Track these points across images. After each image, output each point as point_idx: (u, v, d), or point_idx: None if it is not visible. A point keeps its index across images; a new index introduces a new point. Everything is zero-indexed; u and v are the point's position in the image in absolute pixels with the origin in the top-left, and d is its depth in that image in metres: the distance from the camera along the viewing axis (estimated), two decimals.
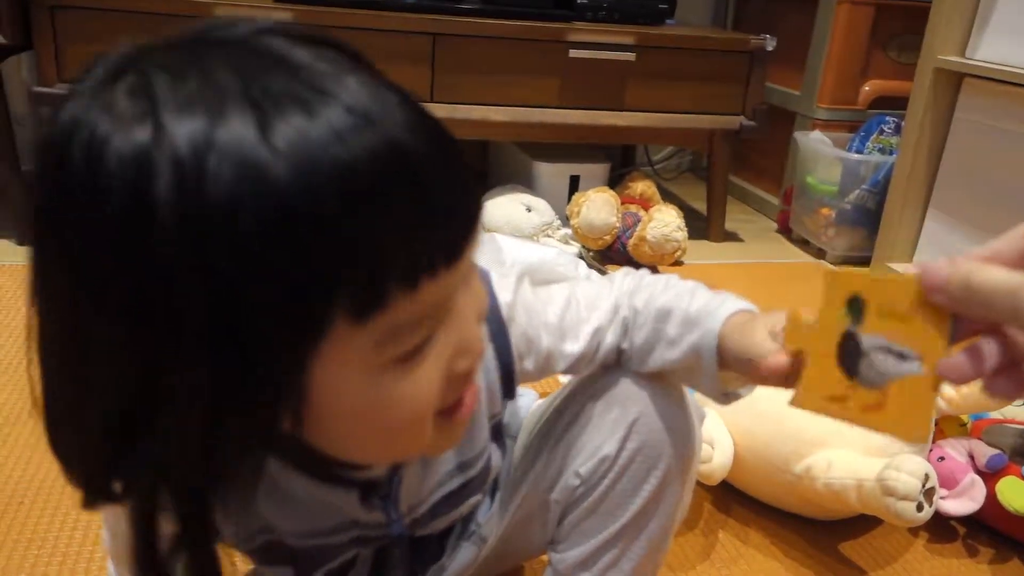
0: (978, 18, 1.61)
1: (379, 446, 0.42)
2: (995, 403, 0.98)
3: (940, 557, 0.93)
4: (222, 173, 0.32)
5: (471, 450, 0.57)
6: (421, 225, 0.35)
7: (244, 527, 0.50)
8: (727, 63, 1.85)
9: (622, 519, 0.61)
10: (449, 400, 0.42)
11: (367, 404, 0.39)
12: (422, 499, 0.55)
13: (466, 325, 0.41)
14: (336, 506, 0.51)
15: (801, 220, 2.01)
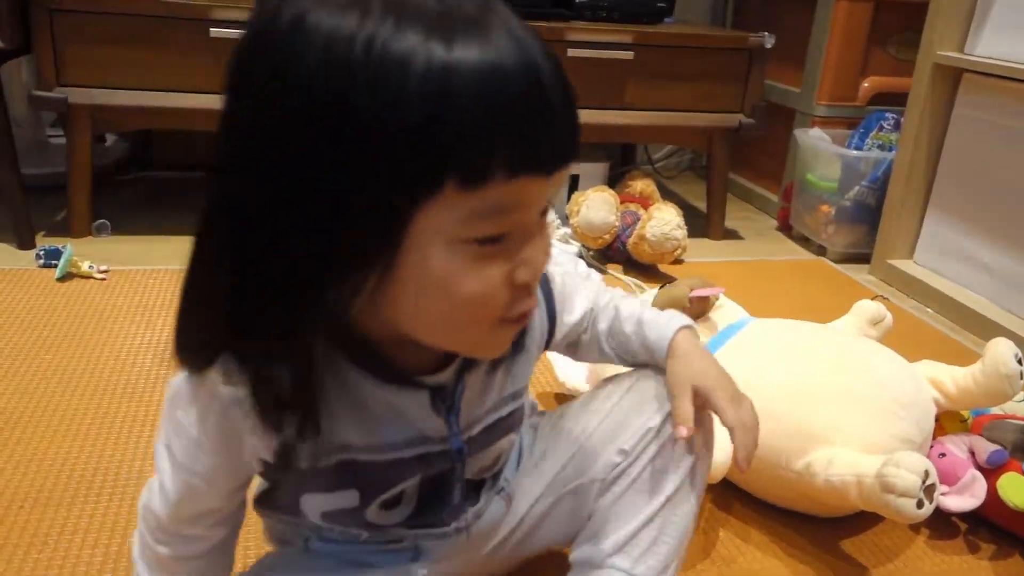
0: (977, 14, 1.61)
1: (443, 324, 0.48)
2: (994, 399, 0.98)
3: (941, 553, 0.93)
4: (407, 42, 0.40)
5: (522, 380, 0.63)
6: (534, 130, 0.43)
7: (323, 445, 0.53)
8: (726, 61, 1.85)
9: (661, 495, 0.66)
10: (510, 311, 0.48)
11: (442, 274, 0.45)
12: (478, 418, 0.60)
13: (534, 245, 0.47)
14: (407, 415, 0.55)
15: (801, 217, 2.00)
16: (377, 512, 0.59)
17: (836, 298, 1.62)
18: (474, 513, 0.65)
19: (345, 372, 0.52)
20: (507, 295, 0.47)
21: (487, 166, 0.42)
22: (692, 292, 1.05)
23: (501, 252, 0.46)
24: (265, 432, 0.50)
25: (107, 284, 1.45)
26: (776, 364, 0.97)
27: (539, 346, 0.66)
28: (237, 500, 0.60)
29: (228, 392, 0.50)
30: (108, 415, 1.05)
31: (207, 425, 0.52)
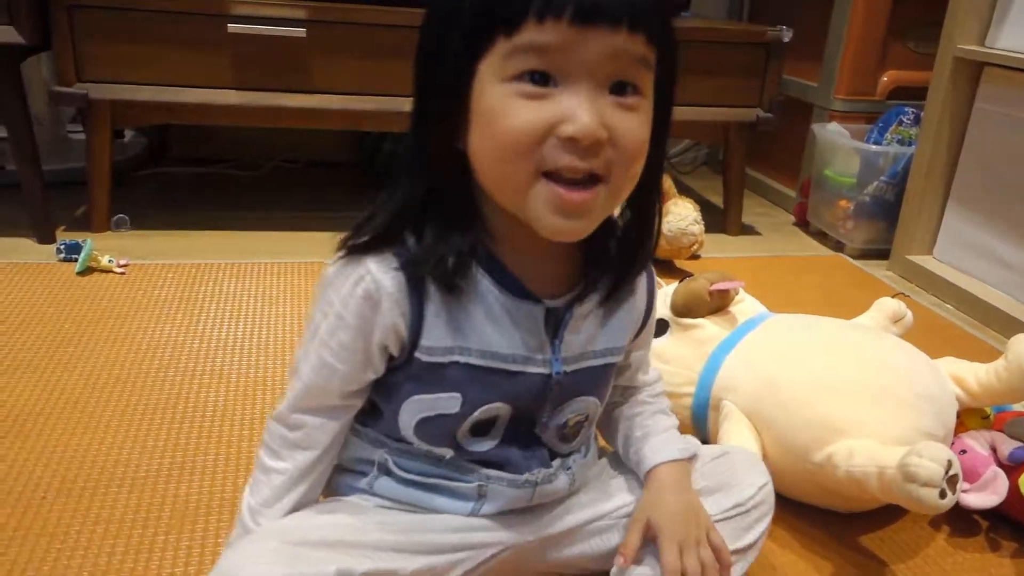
0: (998, 6, 1.59)
1: (493, 164, 0.55)
2: (1016, 395, 0.97)
3: (962, 551, 0.92)
4: None
5: (616, 342, 0.68)
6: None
7: (445, 338, 0.60)
8: (743, 55, 1.84)
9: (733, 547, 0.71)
10: (556, 163, 0.52)
11: (491, 106, 0.53)
12: (575, 356, 0.65)
13: (584, 106, 0.52)
14: (521, 327, 0.62)
15: (819, 212, 1.99)
16: (466, 436, 0.64)
17: (855, 294, 1.61)
18: (545, 476, 0.69)
19: (478, 279, 0.60)
20: (552, 145, 0.52)
21: (520, 14, 0.51)
22: (712, 286, 1.04)
23: (547, 100, 0.52)
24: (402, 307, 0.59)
25: (126, 278, 1.46)
26: (797, 358, 0.97)
27: (634, 323, 0.70)
28: (351, 407, 0.65)
29: (379, 265, 0.58)
30: (128, 408, 1.06)
31: (353, 300, 0.59)
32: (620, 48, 0.52)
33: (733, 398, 0.96)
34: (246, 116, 1.65)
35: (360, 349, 0.61)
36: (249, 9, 1.57)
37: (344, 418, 0.66)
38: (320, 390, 0.63)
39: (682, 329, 1.04)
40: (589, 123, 0.52)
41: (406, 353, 0.61)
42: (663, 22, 0.55)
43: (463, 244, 0.58)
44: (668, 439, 0.75)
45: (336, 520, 0.64)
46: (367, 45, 1.62)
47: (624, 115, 0.54)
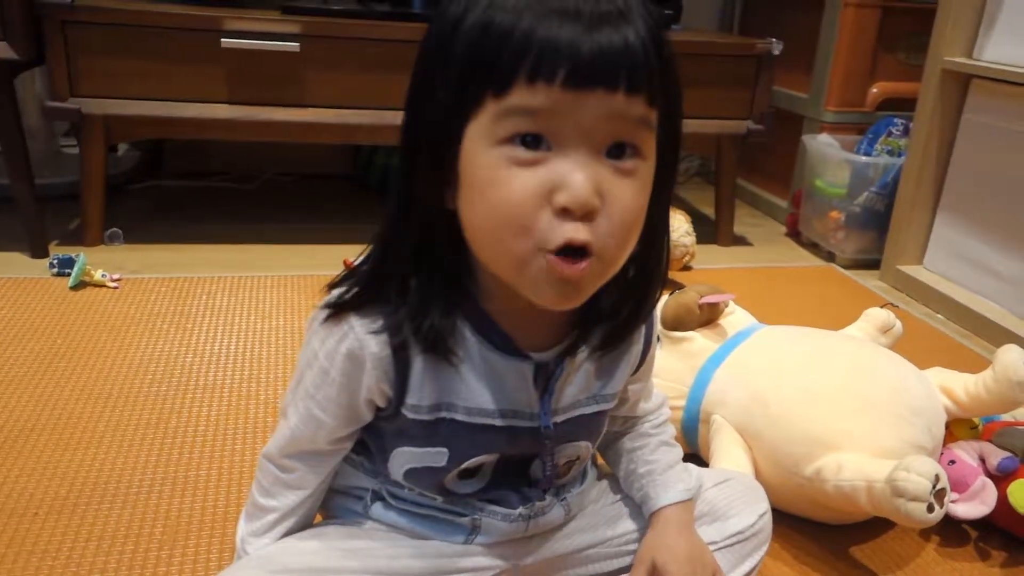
0: (985, 19, 1.61)
1: (487, 236, 0.52)
2: (1004, 406, 0.98)
3: (952, 561, 0.93)
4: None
5: (610, 388, 0.66)
6: (553, 46, 0.48)
7: (430, 396, 0.59)
8: (733, 67, 1.85)
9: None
10: (552, 237, 0.50)
11: (483, 175, 0.50)
12: (567, 407, 0.64)
13: (578, 172, 0.49)
14: (508, 384, 0.60)
15: (810, 223, 2.00)
16: (454, 480, 0.64)
17: (846, 304, 1.61)
18: (538, 508, 0.68)
19: (464, 337, 0.59)
20: (547, 218, 0.49)
21: (509, 76, 0.48)
22: (702, 298, 1.05)
23: (540, 167, 0.49)
24: (386, 368, 0.58)
25: (119, 292, 1.46)
26: (786, 370, 0.97)
27: (632, 364, 0.68)
28: (341, 450, 0.65)
29: (363, 326, 0.57)
30: (121, 423, 1.06)
31: (337, 357, 0.58)
32: (617, 111, 0.49)
33: (723, 412, 0.97)
34: (239, 130, 1.65)
35: (345, 404, 0.60)
36: (242, 24, 1.58)
37: (335, 460, 0.66)
38: (308, 439, 0.63)
39: (672, 342, 1.04)
40: (583, 190, 0.49)
41: (393, 408, 0.60)
42: (664, 80, 0.51)
43: (448, 307, 0.57)
44: (672, 478, 0.73)
45: (323, 546, 0.64)
46: (360, 59, 1.62)
47: (621, 182, 0.51)
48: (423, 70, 0.53)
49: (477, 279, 0.58)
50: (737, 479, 0.79)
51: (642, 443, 0.75)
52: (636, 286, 0.60)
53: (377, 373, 0.58)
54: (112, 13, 1.55)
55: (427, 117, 0.53)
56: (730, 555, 0.73)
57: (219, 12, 1.61)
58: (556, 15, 0.48)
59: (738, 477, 0.80)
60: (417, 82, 0.54)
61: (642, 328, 0.67)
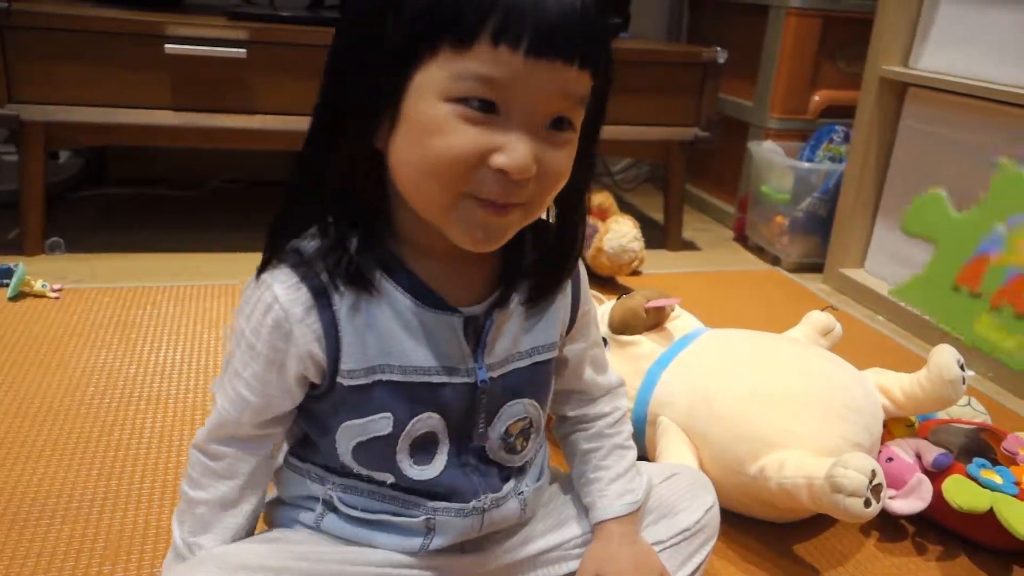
0: (919, 29, 1.66)
1: (417, 177, 0.53)
2: (939, 404, 1.01)
3: (891, 555, 0.95)
4: None
5: (544, 338, 0.66)
6: (525, 11, 0.48)
7: (365, 359, 0.59)
8: (680, 75, 1.88)
9: (679, 574, 0.73)
10: (483, 191, 0.52)
11: (427, 121, 0.51)
12: (500, 361, 0.64)
13: (521, 141, 0.51)
14: (440, 339, 0.60)
15: (757, 228, 2.04)
16: (406, 459, 0.63)
17: (791, 307, 1.65)
18: (493, 500, 0.67)
19: (389, 292, 0.59)
20: (482, 174, 0.51)
21: (474, 31, 0.49)
22: (648, 303, 1.07)
23: (485, 127, 0.51)
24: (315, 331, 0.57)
25: (60, 303, 1.42)
26: (730, 373, 0.99)
27: (562, 320, 0.68)
28: (271, 435, 0.64)
29: (286, 289, 0.57)
30: (61, 437, 1.03)
31: (263, 330, 0.58)
32: (568, 86, 0.52)
33: (670, 413, 0.98)
34: (185, 137, 1.63)
35: (274, 381, 0.59)
36: (187, 30, 1.56)
37: (265, 448, 0.64)
38: (235, 423, 0.62)
39: (619, 346, 1.06)
40: (523, 161, 0.51)
41: (328, 380, 0.60)
42: (608, 54, 0.55)
43: (367, 244, 0.57)
44: (619, 490, 0.73)
45: (276, 548, 0.63)
46: (308, 65, 1.60)
47: (555, 151, 0.54)
48: (368, 6, 0.53)
49: (401, 229, 0.59)
50: (684, 473, 0.80)
51: (597, 445, 0.75)
52: (559, 242, 0.63)
53: (307, 340, 0.58)
54: (52, 18, 1.52)
55: (369, 56, 0.53)
56: (677, 553, 0.74)
57: (162, 18, 1.59)
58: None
59: (685, 471, 0.80)
60: (357, 18, 0.54)
61: (568, 285, 0.68)
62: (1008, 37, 1.48)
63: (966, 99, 1.53)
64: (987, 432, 1.04)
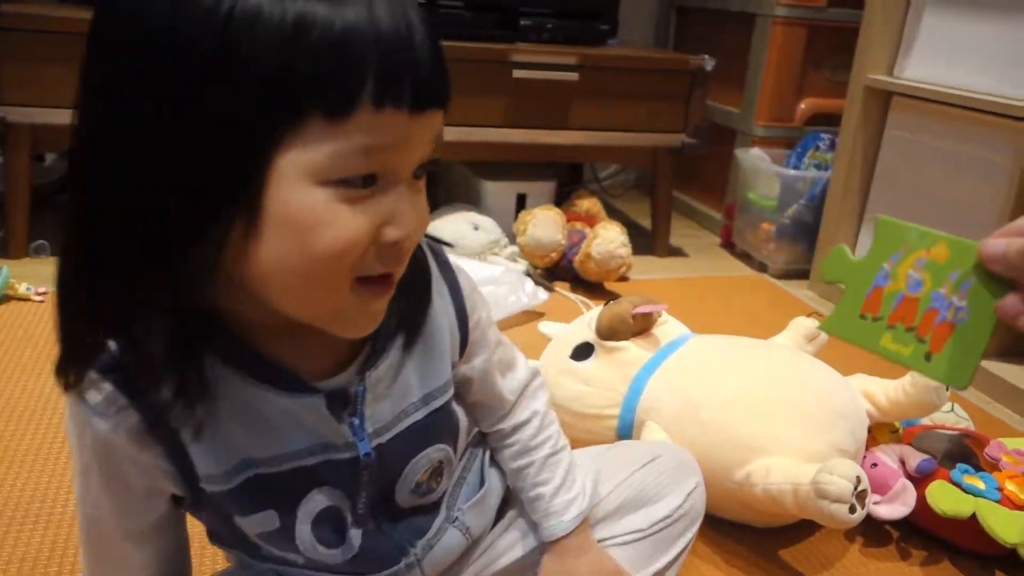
0: (904, 39, 1.68)
1: (301, 279, 0.44)
2: (922, 410, 1.02)
3: (875, 560, 0.96)
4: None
5: (435, 382, 0.59)
6: (399, 63, 0.42)
7: (224, 461, 0.51)
8: (668, 82, 1.89)
9: (660, 562, 0.71)
10: (373, 270, 0.46)
11: (304, 218, 0.42)
12: (388, 424, 0.57)
13: (406, 203, 0.45)
14: (304, 421, 0.52)
15: (743, 234, 2.05)
16: (311, 544, 0.57)
17: (777, 313, 1.66)
18: (424, 545, 0.62)
19: (234, 382, 0.50)
20: (371, 253, 0.45)
21: (352, 96, 0.41)
22: (635, 309, 1.07)
23: (370, 202, 0.44)
24: (151, 447, 0.49)
25: (45, 306, 1.41)
26: (715, 378, 1.00)
27: (452, 348, 0.60)
28: (151, 550, 0.57)
29: (102, 415, 0.48)
30: (46, 441, 1.03)
31: (88, 448, 0.51)
32: (437, 130, 0.46)
33: (656, 419, 0.99)
34: None
35: (120, 496, 0.52)
36: None
37: (153, 545, 0.57)
38: (101, 545, 0.55)
39: (607, 352, 1.06)
40: (415, 225, 0.46)
41: (189, 491, 0.52)
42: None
43: (191, 352, 0.47)
44: (563, 504, 0.68)
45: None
46: None
47: (421, 197, 0.48)
48: (178, 78, 0.40)
49: (235, 317, 0.49)
50: (667, 455, 0.75)
51: (527, 461, 0.68)
52: (415, 278, 0.55)
53: (144, 457, 0.50)
54: (38, 19, 1.51)
55: (197, 146, 0.40)
56: (658, 541, 0.71)
57: None
58: (398, 32, 0.42)
59: (667, 452, 0.76)
60: (161, 93, 0.40)
61: (448, 305, 0.59)
62: (989, 48, 1.50)
63: (949, 108, 1.55)
64: (970, 438, 1.05)
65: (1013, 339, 1.46)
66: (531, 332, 1.39)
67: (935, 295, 0.54)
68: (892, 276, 0.57)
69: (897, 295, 0.56)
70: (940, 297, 0.54)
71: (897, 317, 0.56)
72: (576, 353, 1.08)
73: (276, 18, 0.39)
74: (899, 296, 0.56)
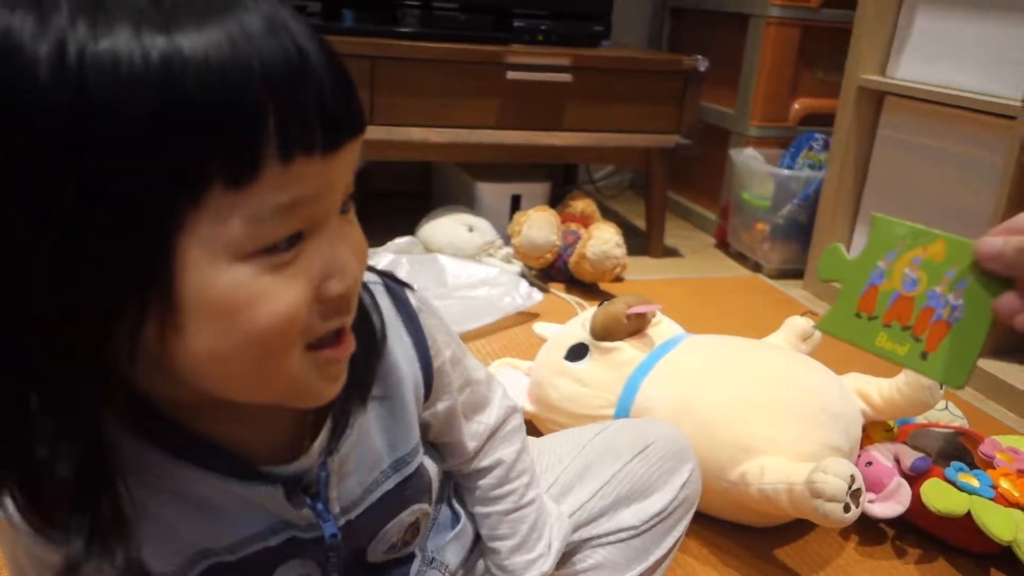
0: (896, 39, 1.68)
1: (245, 365, 0.39)
2: (917, 408, 1.02)
3: (871, 559, 0.96)
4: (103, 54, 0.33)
5: (405, 445, 0.55)
6: (300, 102, 0.36)
7: (177, 554, 0.46)
8: (661, 83, 1.90)
9: (652, 558, 0.70)
10: (322, 330, 0.41)
11: (231, 301, 0.37)
12: (356, 500, 0.52)
13: (340, 247, 0.40)
14: (260, 507, 0.48)
15: (738, 235, 2.06)
16: None
17: (772, 313, 1.66)
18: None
19: (172, 469, 0.44)
20: (315, 313, 0.40)
21: (254, 155, 0.35)
22: (629, 309, 1.07)
23: (300, 262, 0.39)
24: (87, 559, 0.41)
25: None
26: (710, 378, 1.00)
27: (417, 398, 0.55)
28: None
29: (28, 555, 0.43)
30: None
31: (19, 558, 0.45)
32: (355, 158, 0.41)
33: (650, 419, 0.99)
34: None
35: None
36: None
37: None
38: None
39: (601, 352, 1.06)
40: (355, 270, 0.41)
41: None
42: None
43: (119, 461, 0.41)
44: (522, 563, 0.64)
45: None
46: None
47: (354, 230, 0.43)
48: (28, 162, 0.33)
49: (168, 402, 0.43)
50: (659, 442, 0.72)
51: (486, 511, 0.64)
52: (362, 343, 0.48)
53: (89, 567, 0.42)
54: None
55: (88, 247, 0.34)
56: (651, 536, 0.70)
57: None
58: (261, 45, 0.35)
59: (661, 438, 0.73)
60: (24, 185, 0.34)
61: (410, 349, 0.54)
62: (981, 47, 1.51)
63: (941, 107, 1.55)
64: (965, 436, 1.06)
65: (1007, 337, 1.47)
66: (526, 333, 1.39)
67: (931, 294, 0.54)
68: (888, 274, 0.56)
69: (893, 293, 0.56)
70: (936, 296, 0.54)
71: (893, 316, 0.56)
72: (571, 354, 1.08)
73: (138, 61, 0.33)
74: (895, 294, 0.56)
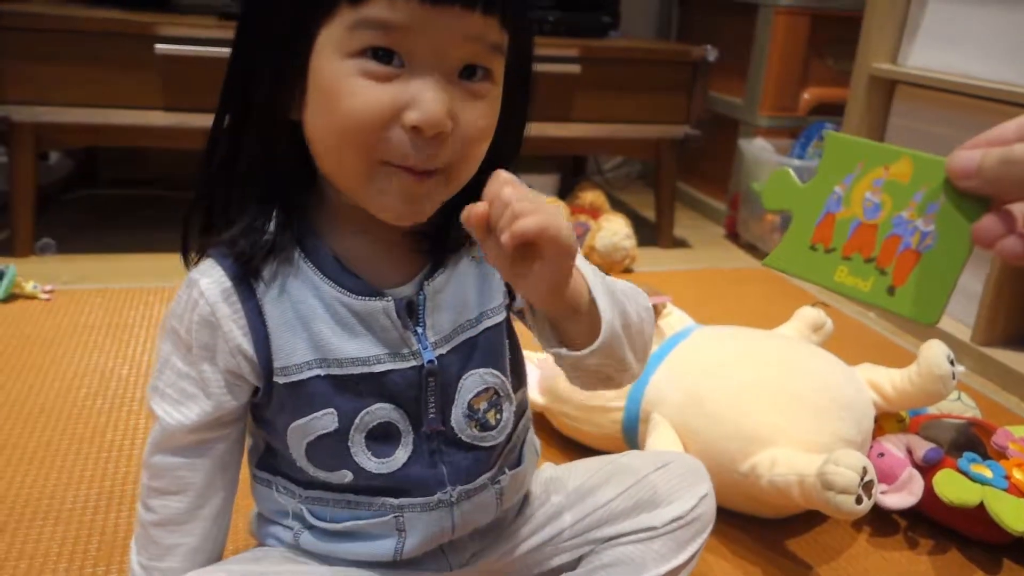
0: (907, 27, 1.67)
1: (331, 147, 0.52)
2: (929, 399, 1.02)
3: (883, 550, 0.96)
4: None
5: (490, 300, 0.62)
6: None
7: (299, 354, 0.56)
8: (670, 74, 1.89)
9: (672, 563, 0.71)
10: (412, 158, 0.50)
11: (330, 83, 0.50)
12: (447, 335, 0.60)
13: (431, 93, 0.49)
14: (375, 326, 0.57)
15: (748, 225, 2.05)
16: (364, 453, 0.59)
17: (782, 304, 1.65)
18: (462, 492, 0.62)
19: (315, 283, 0.56)
20: (399, 137, 0.49)
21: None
22: None
23: (394, 83, 0.49)
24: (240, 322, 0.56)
25: (52, 304, 1.42)
26: (721, 370, 1.00)
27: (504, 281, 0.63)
28: (219, 438, 0.61)
29: (209, 286, 0.55)
30: (54, 439, 1.03)
31: (192, 326, 0.56)
32: (472, 32, 0.50)
33: (662, 411, 0.99)
34: (176, 138, 1.62)
35: (211, 377, 0.57)
36: (178, 30, 1.55)
37: (211, 454, 0.61)
38: (179, 428, 0.59)
39: None
40: (436, 112, 0.49)
41: (264, 380, 0.57)
42: (519, 6, 0.53)
43: (288, 223, 0.56)
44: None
45: (261, 569, 0.61)
46: None
47: (472, 104, 0.51)
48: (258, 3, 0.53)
49: (327, 214, 0.57)
50: (677, 461, 0.77)
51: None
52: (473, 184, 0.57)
53: (233, 334, 0.56)
54: (41, 18, 1.51)
55: (273, 23, 0.52)
56: (670, 541, 0.72)
57: (153, 18, 1.58)
58: None
59: (678, 459, 0.77)
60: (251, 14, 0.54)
61: None
62: (994, 35, 1.49)
63: (953, 96, 1.54)
64: (977, 427, 1.05)
65: (1020, 327, 1.46)
66: None
67: (897, 220, 0.48)
68: (845, 200, 0.49)
69: (852, 221, 0.49)
70: (903, 221, 0.48)
71: (853, 247, 0.49)
72: None
73: None
74: (855, 223, 0.49)
